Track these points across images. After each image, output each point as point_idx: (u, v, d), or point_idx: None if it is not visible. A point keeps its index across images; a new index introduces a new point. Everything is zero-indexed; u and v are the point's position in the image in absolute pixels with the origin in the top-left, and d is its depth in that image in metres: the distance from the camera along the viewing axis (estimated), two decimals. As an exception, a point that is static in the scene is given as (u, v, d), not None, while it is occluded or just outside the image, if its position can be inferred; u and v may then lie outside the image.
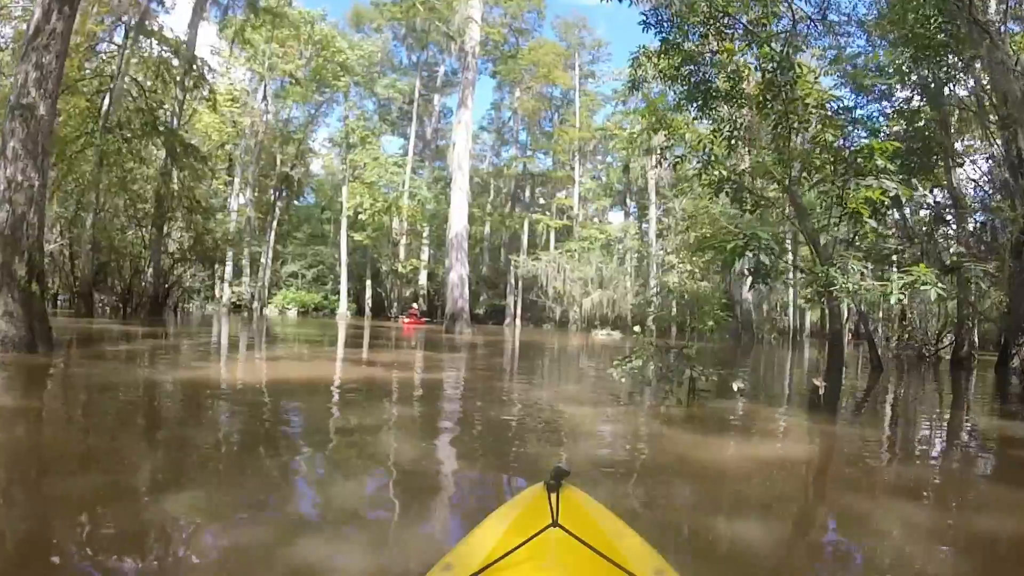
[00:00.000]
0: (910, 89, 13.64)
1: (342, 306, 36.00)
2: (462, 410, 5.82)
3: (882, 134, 12.02)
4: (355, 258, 37.44)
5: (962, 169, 15.09)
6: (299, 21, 31.37)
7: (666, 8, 8.06)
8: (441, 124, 43.54)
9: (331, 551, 2.22)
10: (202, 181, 24.26)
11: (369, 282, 37.64)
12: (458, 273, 22.54)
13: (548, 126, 41.27)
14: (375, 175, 34.62)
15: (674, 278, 28.74)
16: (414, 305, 33.59)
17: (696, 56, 7.91)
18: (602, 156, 42.32)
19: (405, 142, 41.39)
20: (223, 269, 32.14)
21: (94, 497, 2.69)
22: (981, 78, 12.36)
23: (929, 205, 14.75)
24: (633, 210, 39.18)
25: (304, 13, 32.14)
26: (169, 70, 20.91)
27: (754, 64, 7.80)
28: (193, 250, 23.63)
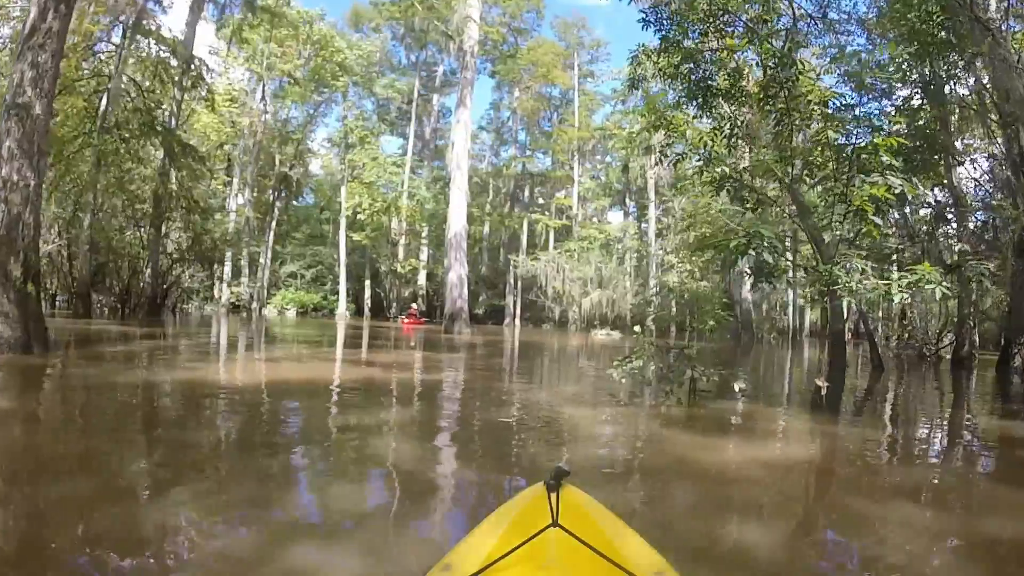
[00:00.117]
0: (911, 87, 13.60)
1: (341, 306, 35.98)
2: (461, 411, 5.79)
3: (883, 132, 11.99)
4: (354, 258, 37.44)
5: (963, 167, 15.06)
6: (298, 21, 31.40)
7: (666, 6, 8.06)
8: (440, 124, 43.61)
9: (331, 551, 2.20)
10: (200, 181, 24.19)
11: (368, 282, 37.67)
12: (457, 273, 22.50)
13: (547, 126, 41.32)
14: (374, 175, 34.64)
15: (674, 278, 28.75)
16: (413, 305, 33.58)
17: (696, 54, 7.90)
18: (601, 156, 42.39)
19: (404, 142, 41.46)
20: (222, 269, 32.04)
21: (89, 499, 2.66)
22: (982, 76, 12.33)
23: (930, 204, 14.71)
24: (632, 210, 39.22)
25: (302, 13, 32.14)
26: (167, 70, 20.86)
27: (754, 61, 7.78)
28: (191, 250, 23.59)
